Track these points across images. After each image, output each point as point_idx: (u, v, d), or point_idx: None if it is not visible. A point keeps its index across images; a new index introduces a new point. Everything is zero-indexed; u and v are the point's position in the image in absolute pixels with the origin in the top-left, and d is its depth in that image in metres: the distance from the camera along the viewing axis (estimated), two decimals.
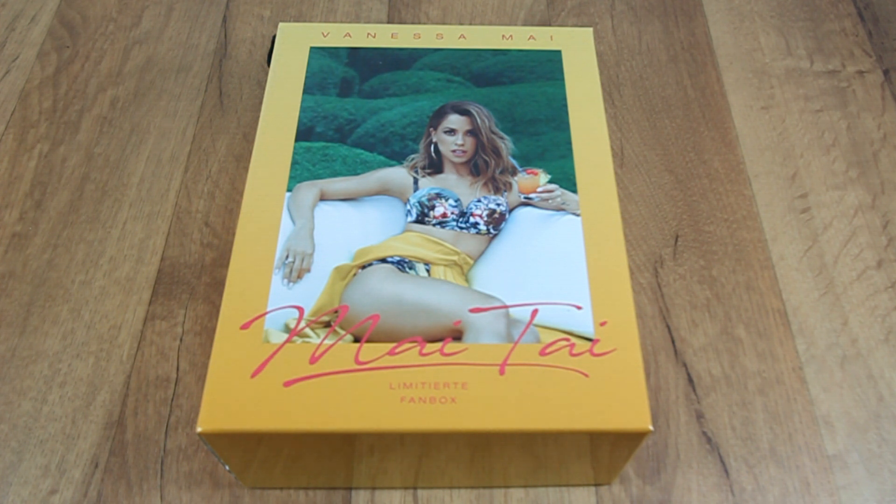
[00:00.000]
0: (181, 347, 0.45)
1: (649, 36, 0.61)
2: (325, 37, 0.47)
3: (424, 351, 0.35)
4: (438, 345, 0.35)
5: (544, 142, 0.43)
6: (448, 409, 0.34)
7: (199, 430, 0.33)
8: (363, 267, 0.38)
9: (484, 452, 0.36)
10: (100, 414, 0.42)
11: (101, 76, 0.57)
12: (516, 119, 0.43)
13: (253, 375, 0.34)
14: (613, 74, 0.58)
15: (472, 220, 0.40)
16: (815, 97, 0.57)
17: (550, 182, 0.41)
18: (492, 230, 0.40)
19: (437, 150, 0.42)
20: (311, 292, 0.37)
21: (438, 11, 0.62)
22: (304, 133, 0.43)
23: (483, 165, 0.42)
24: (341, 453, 0.36)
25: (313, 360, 0.35)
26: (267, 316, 0.36)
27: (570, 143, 0.43)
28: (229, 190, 0.52)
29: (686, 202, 0.52)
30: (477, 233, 0.40)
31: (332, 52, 0.47)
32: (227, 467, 0.37)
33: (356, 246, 0.39)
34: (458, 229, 0.40)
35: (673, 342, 0.46)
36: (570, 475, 0.39)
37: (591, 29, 0.48)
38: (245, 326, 0.36)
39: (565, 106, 0.44)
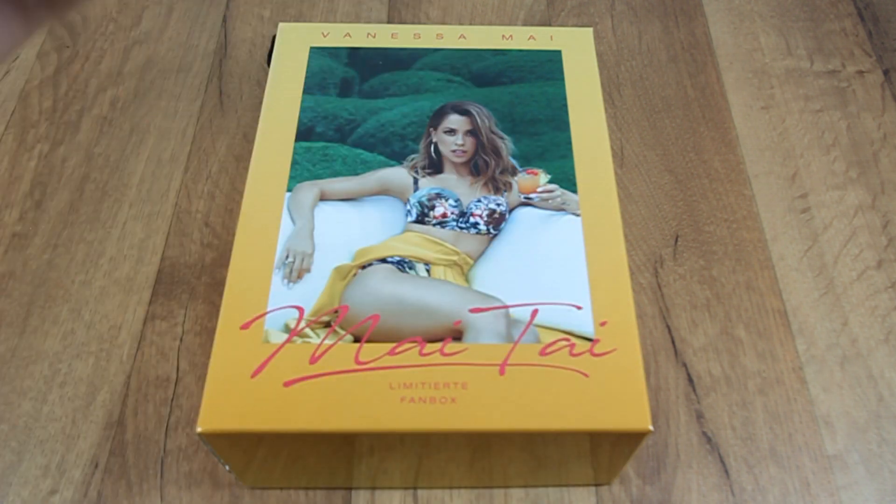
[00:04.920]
0: (181, 347, 0.45)
1: (649, 36, 0.61)
2: (325, 37, 0.47)
3: (424, 351, 0.35)
4: (438, 345, 0.35)
5: (544, 142, 0.43)
6: (448, 409, 0.34)
7: (199, 430, 0.33)
8: (363, 267, 0.38)
9: (484, 452, 0.36)
10: (100, 414, 0.42)
11: (101, 76, 0.57)
12: (516, 119, 0.43)
13: (253, 375, 0.34)
14: (613, 74, 0.58)
15: (472, 220, 0.40)
16: (815, 97, 0.57)
17: (550, 182, 0.41)
18: (492, 230, 0.40)
19: (437, 150, 0.42)
20: (311, 292, 0.37)
21: (438, 11, 0.62)
22: (304, 133, 0.43)
23: (483, 165, 0.42)
24: (341, 453, 0.36)
25: (313, 360, 0.35)
26: (267, 316, 0.36)
27: (570, 143, 0.43)
28: (229, 190, 0.52)
29: (686, 202, 0.52)
30: (477, 233, 0.40)
31: (332, 52, 0.47)
32: (227, 467, 0.37)
33: (356, 246, 0.39)
34: (458, 229, 0.40)
35: (673, 342, 0.46)
36: (570, 475, 0.39)
37: (591, 29, 0.48)
38: (245, 326, 0.36)
39: (565, 106, 0.44)
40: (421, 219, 0.40)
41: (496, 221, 0.40)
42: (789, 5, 0.63)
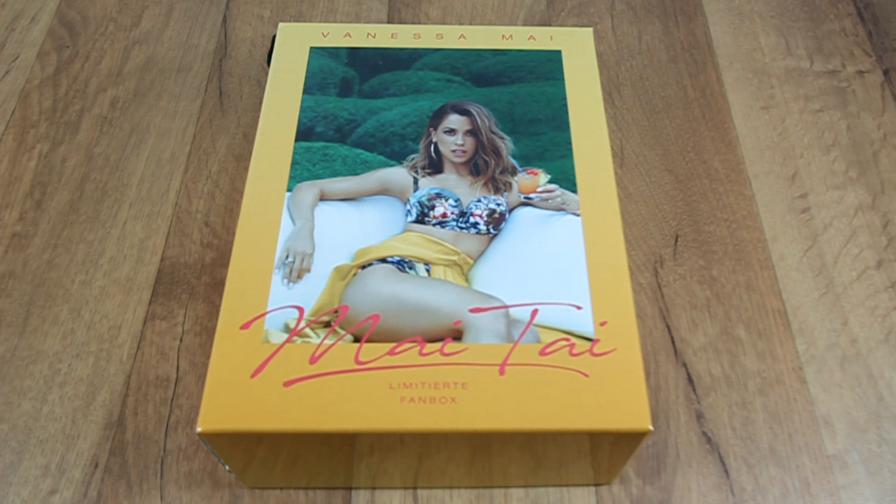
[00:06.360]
0: (181, 347, 0.45)
1: (649, 36, 0.61)
2: (325, 37, 0.47)
3: (424, 351, 0.35)
4: (438, 345, 0.35)
5: (544, 142, 0.43)
6: (448, 409, 0.34)
7: (199, 430, 0.33)
8: (363, 267, 0.38)
9: (484, 452, 0.36)
10: (100, 414, 0.42)
11: (101, 76, 0.57)
12: (516, 119, 0.43)
13: (253, 375, 0.34)
14: (613, 74, 0.58)
15: (472, 220, 0.40)
16: (815, 97, 0.57)
17: (550, 182, 0.41)
18: (492, 230, 0.40)
19: (437, 150, 0.42)
20: (311, 292, 0.37)
21: (438, 11, 0.62)
22: (304, 133, 0.43)
23: (483, 165, 0.42)
24: (341, 453, 0.36)
25: (313, 360, 0.35)
26: (267, 316, 0.36)
27: (570, 143, 0.43)
28: (229, 190, 0.52)
29: (686, 202, 0.52)
30: (477, 233, 0.40)
31: (332, 52, 0.47)
32: (227, 467, 0.37)
33: (356, 246, 0.39)
34: (458, 229, 0.40)
35: (673, 342, 0.46)
36: (570, 475, 0.39)
37: (591, 29, 0.48)
38: (245, 326, 0.36)
39: (565, 106, 0.44)
40: (421, 219, 0.40)
41: (496, 221, 0.40)
42: (789, 5, 0.63)
